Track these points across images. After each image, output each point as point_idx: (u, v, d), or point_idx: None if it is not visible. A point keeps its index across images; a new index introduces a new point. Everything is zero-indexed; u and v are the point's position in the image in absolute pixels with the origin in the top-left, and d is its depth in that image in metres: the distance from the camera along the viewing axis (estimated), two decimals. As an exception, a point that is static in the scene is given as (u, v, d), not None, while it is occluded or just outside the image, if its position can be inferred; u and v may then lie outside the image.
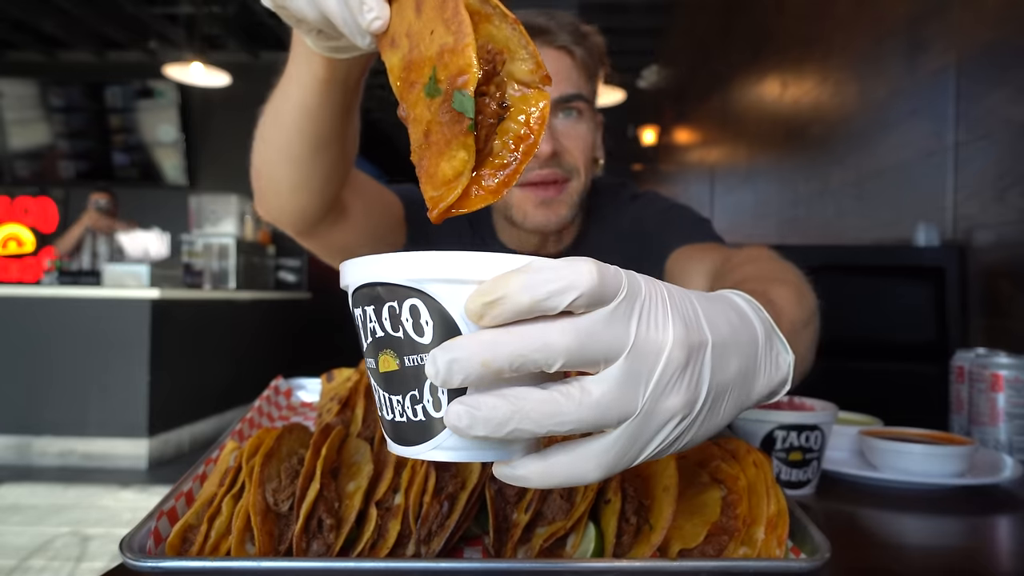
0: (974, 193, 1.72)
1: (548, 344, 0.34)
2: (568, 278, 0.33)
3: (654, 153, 7.38)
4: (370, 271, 0.37)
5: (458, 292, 0.35)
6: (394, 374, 0.38)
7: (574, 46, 1.03)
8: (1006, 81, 1.60)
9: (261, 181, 0.86)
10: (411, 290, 0.36)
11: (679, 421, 0.37)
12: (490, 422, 0.34)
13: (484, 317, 0.34)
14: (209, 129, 7.42)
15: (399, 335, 0.37)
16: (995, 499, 0.83)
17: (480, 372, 0.33)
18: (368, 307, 0.38)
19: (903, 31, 2.10)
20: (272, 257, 6.57)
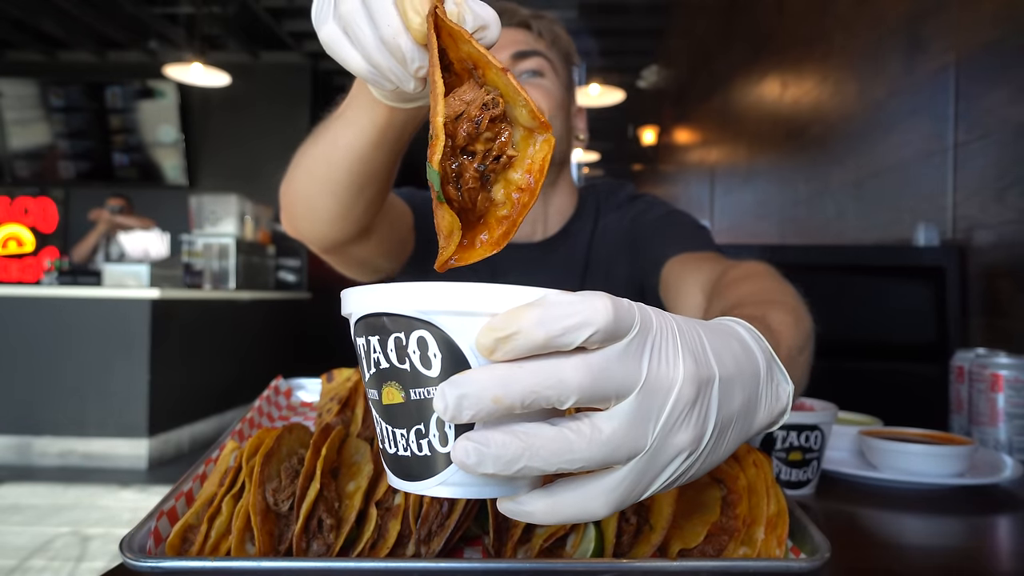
0: (974, 193, 1.72)
1: (562, 381, 0.33)
2: (584, 314, 0.33)
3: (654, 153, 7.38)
4: (375, 301, 0.36)
5: (469, 324, 0.34)
6: (399, 407, 0.36)
7: (531, 19, 1.11)
8: (1006, 81, 1.60)
9: (297, 208, 0.87)
10: (419, 321, 0.35)
11: (686, 457, 0.37)
12: (499, 460, 0.33)
13: (496, 352, 0.33)
14: (209, 129, 7.43)
15: (405, 367, 0.36)
16: (995, 499, 0.83)
17: (491, 408, 0.33)
18: (372, 337, 0.37)
19: (903, 31, 2.10)
20: (272, 257, 6.57)
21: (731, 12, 4.24)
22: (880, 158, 2.23)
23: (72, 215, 7.54)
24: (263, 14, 6.42)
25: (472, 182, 0.43)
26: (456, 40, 0.43)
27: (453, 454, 0.34)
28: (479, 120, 0.42)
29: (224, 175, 7.32)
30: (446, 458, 0.36)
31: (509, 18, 1.11)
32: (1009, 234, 1.58)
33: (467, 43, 0.43)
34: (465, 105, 0.43)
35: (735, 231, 4.01)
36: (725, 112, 4.34)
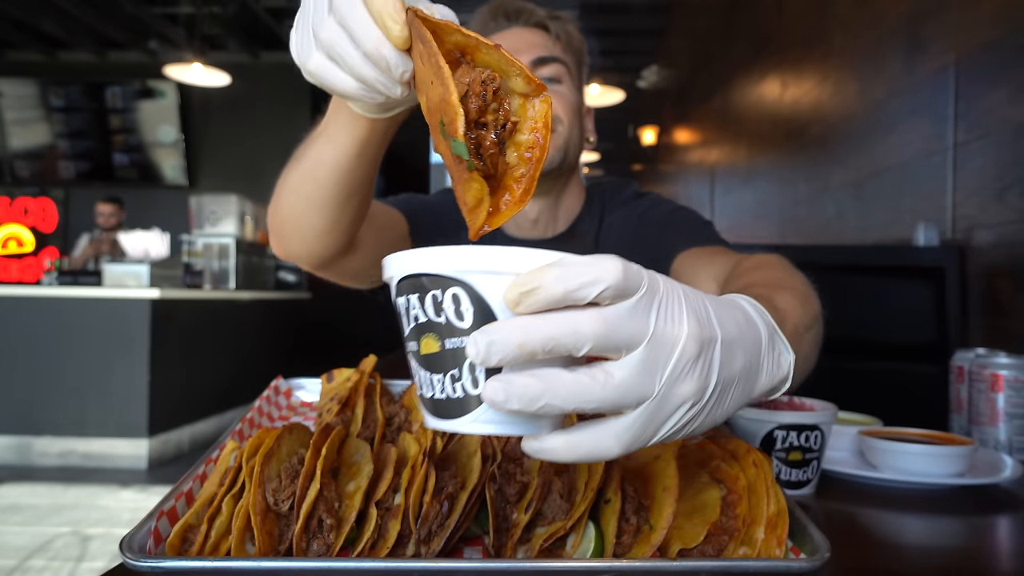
0: (973, 193, 1.72)
1: (578, 330, 0.37)
2: (596, 272, 0.37)
3: (654, 153, 7.38)
4: (416, 263, 0.41)
5: (496, 282, 0.39)
6: (435, 355, 0.41)
7: (548, 21, 1.12)
8: (1006, 81, 1.60)
9: (286, 227, 0.88)
10: (454, 280, 0.40)
11: (690, 407, 0.41)
12: (523, 397, 0.37)
13: (520, 305, 0.38)
14: (209, 129, 7.43)
15: (441, 320, 0.40)
16: (995, 499, 0.83)
17: (516, 353, 0.37)
18: (412, 295, 0.42)
19: (903, 31, 2.10)
20: (272, 257, 6.57)
21: (731, 12, 4.24)
22: (880, 158, 2.23)
23: (72, 215, 7.54)
24: (263, 14, 6.43)
25: (492, 148, 0.48)
26: (442, 32, 0.47)
27: (484, 393, 0.38)
28: (484, 95, 0.47)
29: (224, 175, 7.32)
30: (477, 399, 0.40)
31: (527, 18, 1.12)
32: (1009, 234, 1.58)
33: (455, 32, 0.47)
34: (466, 86, 0.47)
35: (735, 231, 4.01)
36: (725, 112, 4.34)
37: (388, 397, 0.83)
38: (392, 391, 0.89)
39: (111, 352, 4.31)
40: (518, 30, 1.11)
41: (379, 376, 0.86)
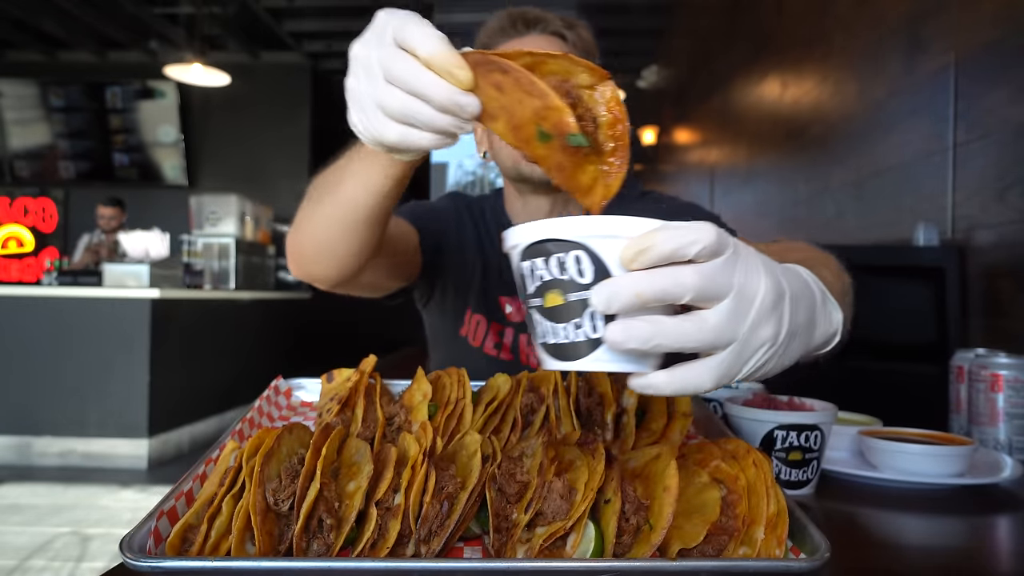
0: (974, 193, 1.72)
1: (682, 282, 0.45)
2: (697, 234, 0.44)
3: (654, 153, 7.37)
4: (543, 231, 0.49)
5: (612, 244, 0.47)
6: (559, 307, 0.49)
7: (565, 30, 1.17)
8: (1006, 81, 1.60)
9: (308, 254, 0.91)
10: (576, 244, 0.47)
11: (767, 349, 0.48)
12: (638, 338, 0.45)
13: (635, 262, 0.45)
14: (209, 129, 7.43)
15: (565, 277, 0.48)
16: (995, 499, 0.83)
17: (633, 301, 0.45)
18: (537, 259, 0.49)
19: (903, 31, 2.10)
20: (272, 257, 6.57)
21: (732, 12, 4.23)
22: (880, 158, 2.23)
23: (72, 215, 7.54)
24: (263, 14, 6.43)
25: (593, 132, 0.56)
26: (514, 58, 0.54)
27: (606, 335, 0.46)
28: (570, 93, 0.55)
29: (224, 175, 7.32)
30: (597, 341, 0.48)
31: (544, 27, 1.15)
32: (1009, 234, 1.58)
33: (523, 55, 0.54)
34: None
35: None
36: (725, 112, 4.34)
37: (388, 397, 0.83)
38: (392, 391, 0.89)
39: (111, 352, 4.31)
40: (535, 38, 1.15)
41: (379, 376, 0.86)
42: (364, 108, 0.56)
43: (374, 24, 0.56)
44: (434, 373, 0.87)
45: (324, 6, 6.46)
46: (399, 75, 0.53)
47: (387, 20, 0.55)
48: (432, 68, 0.52)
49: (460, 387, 0.80)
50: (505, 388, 0.81)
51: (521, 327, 1.27)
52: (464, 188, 5.51)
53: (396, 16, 0.55)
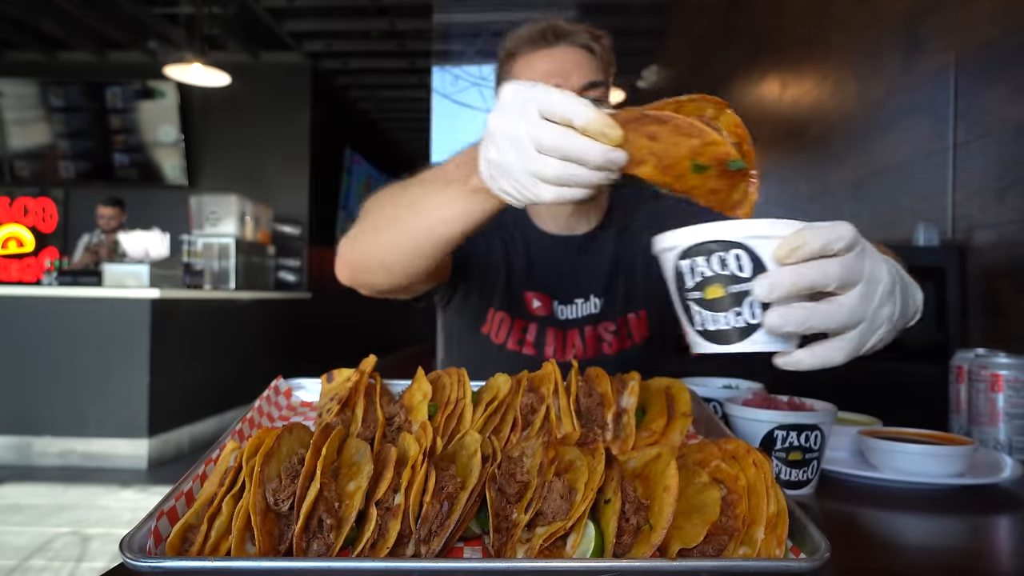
0: (974, 193, 1.72)
1: (828, 273, 0.54)
2: (839, 231, 0.54)
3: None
4: (706, 234, 0.57)
5: (767, 244, 0.56)
6: (720, 299, 0.57)
7: (592, 43, 1.22)
8: (1005, 80, 1.60)
9: (366, 264, 0.95)
10: (736, 244, 0.56)
11: (887, 326, 0.58)
12: (794, 321, 0.54)
13: (788, 258, 0.54)
14: (209, 129, 7.43)
15: (726, 272, 0.56)
16: (995, 499, 0.83)
17: (789, 291, 0.54)
18: (698, 257, 0.57)
19: (902, 30, 2.10)
20: (272, 257, 6.57)
21: (731, 12, 4.23)
22: (880, 158, 2.23)
23: (72, 215, 7.54)
24: (263, 14, 6.42)
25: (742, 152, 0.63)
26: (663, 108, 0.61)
27: (766, 320, 0.55)
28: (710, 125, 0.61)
29: (224, 175, 7.32)
30: (754, 326, 0.56)
31: (573, 40, 1.21)
32: (1009, 234, 1.58)
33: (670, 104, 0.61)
34: None
35: (735, 231, 4.01)
36: (725, 112, 4.34)
37: (388, 397, 0.83)
38: (392, 391, 0.89)
39: (111, 352, 4.31)
40: (564, 49, 1.21)
41: (379, 376, 0.86)
42: (518, 178, 0.61)
43: (508, 99, 0.61)
44: (434, 373, 0.87)
45: (324, 6, 6.46)
46: (554, 145, 0.58)
47: (525, 94, 0.60)
48: (587, 133, 0.58)
49: (460, 387, 0.80)
50: (505, 388, 0.81)
51: (545, 321, 1.29)
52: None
53: (532, 90, 0.60)
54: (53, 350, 4.32)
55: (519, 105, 0.60)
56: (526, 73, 1.21)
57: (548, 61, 1.20)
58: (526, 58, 1.22)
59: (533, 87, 0.60)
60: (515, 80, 1.20)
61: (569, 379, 0.83)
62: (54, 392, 4.32)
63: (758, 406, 0.82)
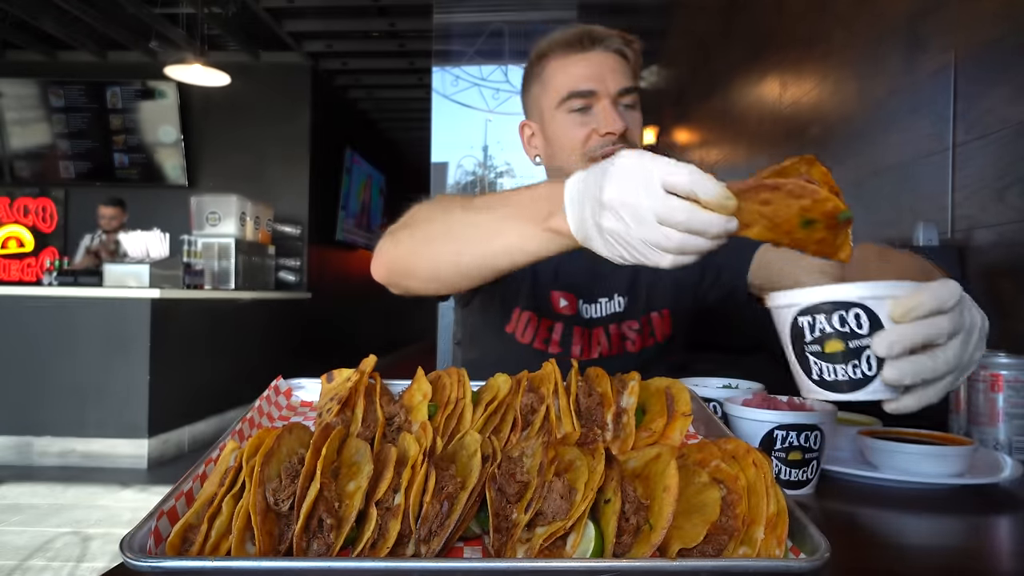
0: (973, 193, 1.72)
1: (941, 330, 0.60)
2: (949, 292, 0.60)
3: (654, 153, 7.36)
4: (826, 295, 0.62)
5: (884, 304, 0.61)
6: (839, 352, 0.62)
7: (625, 48, 1.24)
8: (1006, 80, 1.60)
9: (412, 270, 0.93)
10: (856, 304, 0.61)
11: (977, 364, 0.64)
12: (911, 375, 0.60)
13: (905, 318, 0.60)
14: (209, 129, 7.43)
15: (846, 329, 0.62)
16: (995, 499, 0.83)
17: (906, 348, 0.59)
18: (818, 315, 0.63)
19: (902, 30, 2.10)
20: (272, 257, 6.57)
21: (731, 12, 4.24)
22: (880, 158, 2.23)
23: (72, 215, 7.54)
24: (263, 14, 6.42)
25: None
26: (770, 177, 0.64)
27: (886, 376, 0.60)
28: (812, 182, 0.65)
29: (224, 175, 7.32)
30: (871, 378, 0.61)
31: (607, 45, 1.22)
32: (1009, 234, 1.58)
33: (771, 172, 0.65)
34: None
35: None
36: (725, 112, 4.34)
37: (388, 397, 0.83)
38: (392, 391, 0.89)
39: (111, 352, 4.31)
40: (599, 54, 1.22)
41: (379, 376, 0.86)
42: (636, 247, 0.63)
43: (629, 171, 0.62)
44: (434, 373, 0.87)
45: (324, 6, 6.46)
46: (678, 220, 0.60)
47: (648, 167, 0.62)
48: (708, 206, 0.61)
49: (460, 387, 0.80)
50: (505, 388, 0.81)
51: (571, 320, 1.29)
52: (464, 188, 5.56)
53: (655, 163, 0.62)
54: (53, 350, 4.32)
55: (642, 178, 0.61)
56: (560, 76, 1.21)
57: (584, 66, 1.20)
58: (560, 61, 1.23)
59: (655, 159, 0.62)
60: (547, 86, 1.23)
61: (569, 379, 0.83)
62: (54, 392, 4.32)
63: (758, 406, 0.82)
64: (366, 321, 9.49)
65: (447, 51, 5.20)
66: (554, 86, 1.22)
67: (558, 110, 1.22)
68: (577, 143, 1.20)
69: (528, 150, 1.32)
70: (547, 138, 1.26)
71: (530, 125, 1.31)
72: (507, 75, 5.11)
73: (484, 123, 5.26)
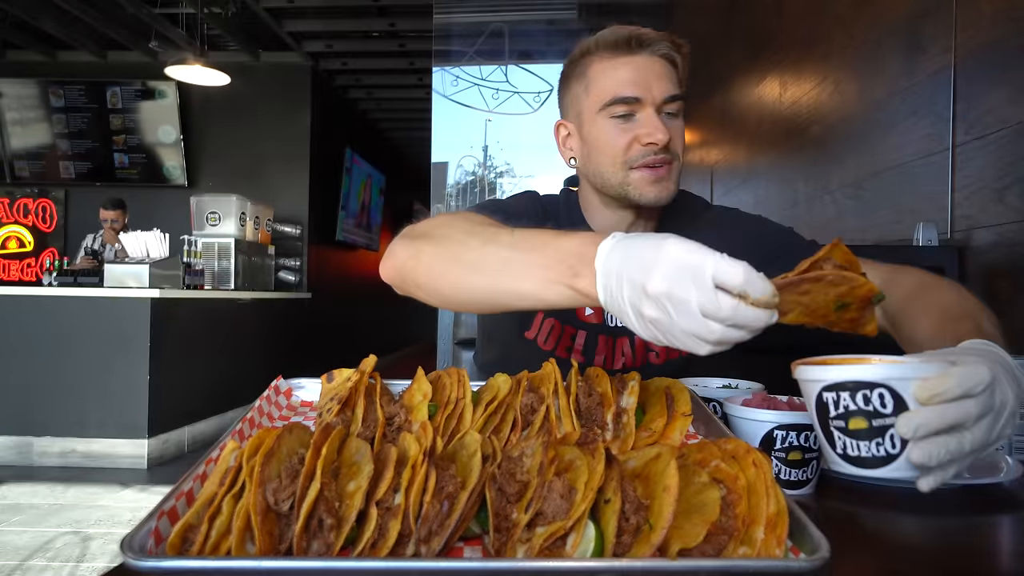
0: (973, 193, 1.72)
1: (968, 414, 0.61)
2: (978, 377, 0.61)
3: (654, 153, 7.37)
4: (852, 374, 0.64)
5: (909, 385, 0.61)
6: (863, 430, 0.63)
7: (674, 53, 1.19)
8: (1006, 81, 1.60)
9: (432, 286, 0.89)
10: (882, 384, 0.62)
11: (1004, 441, 0.66)
12: (936, 457, 0.61)
13: (930, 401, 0.61)
14: (209, 129, 7.43)
15: (869, 408, 0.63)
16: (995, 499, 0.83)
17: (931, 431, 0.60)
18: (843, 392, 0.64)
19: (902, 31, 2.10)
20: (272, 257, 6.57)
21: (731, 12, 4.24)
22: (880, 158, 2.23)
23: (72, 215, 7.54)
24: (263, 14, 6.42)
25: None
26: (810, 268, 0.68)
27: (913, 457, 0.61)
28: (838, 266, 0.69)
29: (224, 175, 7.32)
30: (895, 456, 0.63)
31: (655, 49, 1.17)
32: (1009, 234, 1.58)
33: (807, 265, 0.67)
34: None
35: (735, 231, 4.00)
36: (725, 112, 4.34)
37: (388, 397, 0.83)
38: (392, 391, 0.89)
39: (111, 352, 4.31)
40: (646, 59, 1.17)
41: (379, 376, 0.86)
42: (677, 336, 0.62)
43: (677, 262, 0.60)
44: (434, 373, 0.87)
45: (324, 6, 6.46)
46: (724, 316, 0.59)
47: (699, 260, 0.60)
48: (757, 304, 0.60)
49: (460, 387, 0.80)
50: (505, 388, 0.81)
51: (596, 328, 1.25)
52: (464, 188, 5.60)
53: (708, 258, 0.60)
54: (53, 350, 4.32)
55: (693, 273, 0.59)
56: (603, 79, 1.17)
57: (630, 69, 1.16)
58: (605, 62, 1.18)
59: (705, 253, 0.60)
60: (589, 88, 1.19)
61: (569, 379, 0.83)
62: (54, 392, 4.32)
63: (758, 406, 0.82)
64: (366, 321, 9.49)
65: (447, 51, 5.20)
66: (597, 89, 1.17)
67: (599, 114, 1.17)
68: (618, 151, 1.15)
69: (563, 151, 1.27)
70: (585, 140, 1.21)
71: (566, 125, 1.26)
72: (507, 75, 5.11)
73: (484, 123, 5.26)
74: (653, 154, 1.13)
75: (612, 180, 1.17)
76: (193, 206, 5.86)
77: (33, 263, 7.47)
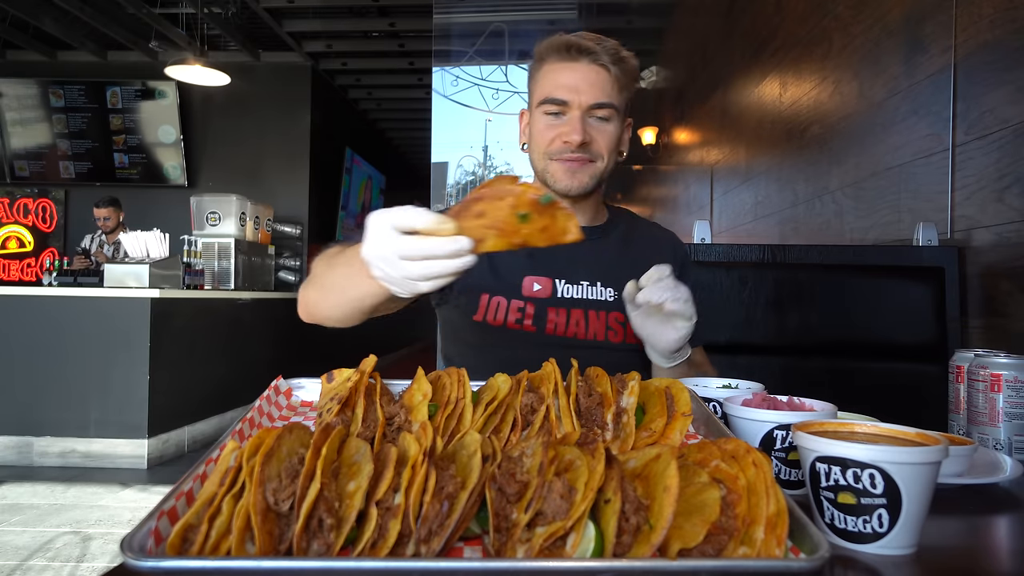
0: (973, 193, 1.72)
1: None
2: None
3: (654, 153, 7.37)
4: (844, 451, 0.63)
5: (902, 468, 0.61)
6: (852, 506, 0.63)
7: (611, 65, 1.27)
8: (1005, 81, 1.60)
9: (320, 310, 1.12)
10: (872, 465, 0.62)
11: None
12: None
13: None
14: (209, 129, 7.43)
15: (859, 486, 0.62)
16: (995, 499, 0.83)
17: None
18: (835, 467, 0.64)
19: (902, 31, 2.10)
20: (272, 257, 6.57)
21: (731, 12, 4.24)
22: (880, 158, 2.23)
23: (72, 215, 7.54)
24: (263, 14, 6.43)
25: None
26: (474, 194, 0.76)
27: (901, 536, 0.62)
28: None
29: (224, 175, 7.32)
30: (880, 535, 0.62)
31: (594, 58, 1.27)
32: (1009, 234, 1.58)
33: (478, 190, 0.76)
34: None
35: (735, 231, 4.01)
36: (725, 112, 4.34)
37: (388, 397, 0.83)
38: (392, 391, 0.89)
39: (111, 352, 4.31)
40: (584, 66, 1.28)
41: (379, 376, 0.86)
42: (398, 282, 0.79)
43: (372, 228, 0.79)
44: (434, 373, 0.87)
45: (324, 6, 6.46)
46: (410, 250, 0.75)
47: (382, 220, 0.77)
48: (434, 233, 0.73)
49: (460, 387, 0.80)
50: (505, 388, 0.81)
51: (545, 302, 1.33)
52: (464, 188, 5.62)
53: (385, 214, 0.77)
54: (53, 350, 4.32)
55: (381, 230, 0.77)
56: (544, 80, 1.31)
57: (567, 75, 1.28)
58: (550, 65, 1.31)
59: (390, 211, 0.76)
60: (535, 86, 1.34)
61: (569, 379, 0.83)
62: (54, 392, 4.32)
63: (758, 406, 0.82)
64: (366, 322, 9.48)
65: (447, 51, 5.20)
66: (539, 88, 1.32)
67: (537, 109, 1.32)
68: (544, 143, 1.31)
69: (521, 136, 1.43)
70: (529, 130, 1.38)
71: (526, 114, 1.42)
72: (507, 75, 5.11)
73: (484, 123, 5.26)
74: (571, 151, 1.29)
75: (538, 166, 1.35)
76: (193, 206, 5.86)
77: (33, 263, 7.47)
